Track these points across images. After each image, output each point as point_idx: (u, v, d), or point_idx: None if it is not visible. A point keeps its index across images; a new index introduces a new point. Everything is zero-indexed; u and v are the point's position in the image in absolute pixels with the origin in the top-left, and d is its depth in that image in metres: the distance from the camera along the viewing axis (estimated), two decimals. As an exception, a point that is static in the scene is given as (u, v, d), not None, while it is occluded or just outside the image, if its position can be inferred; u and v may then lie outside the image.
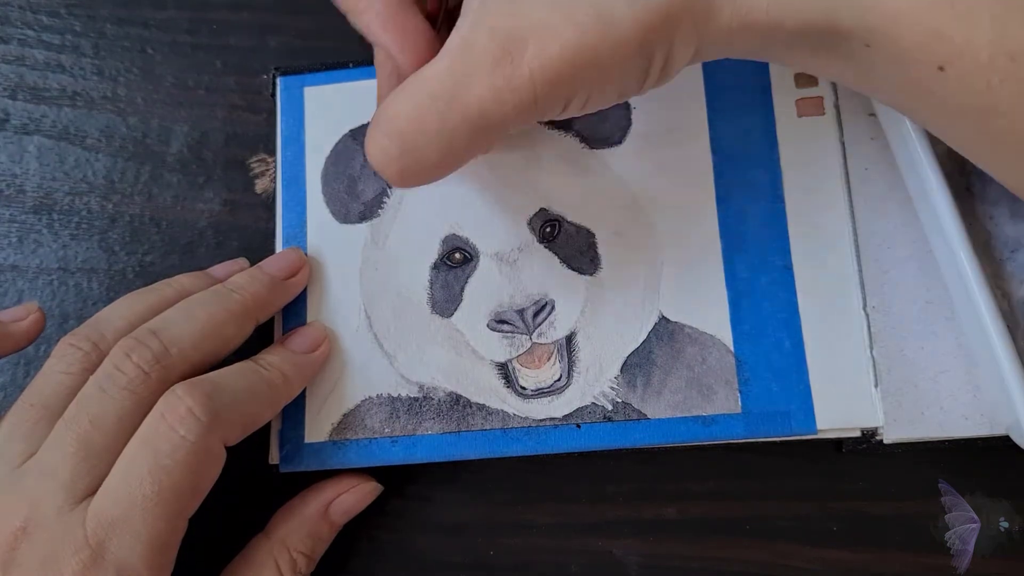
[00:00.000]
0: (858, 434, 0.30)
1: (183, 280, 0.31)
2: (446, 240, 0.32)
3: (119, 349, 0.27)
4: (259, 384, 0.29)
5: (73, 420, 0.26)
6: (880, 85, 0.24)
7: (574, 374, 0.31)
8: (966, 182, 0.32)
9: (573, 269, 0.32)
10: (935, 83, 0.22)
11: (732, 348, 0.31)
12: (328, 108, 0.34)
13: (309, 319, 0.32)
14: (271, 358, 0.30)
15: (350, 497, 0.31)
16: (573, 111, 0.24)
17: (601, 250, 0.32)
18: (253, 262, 0.34)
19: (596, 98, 0.24)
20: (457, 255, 0.32)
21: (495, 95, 0.22)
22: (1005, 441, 0.30)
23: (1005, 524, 0.31)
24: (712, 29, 0.23)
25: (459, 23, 0.23)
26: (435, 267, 0.32)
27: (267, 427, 0.31)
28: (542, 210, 0.32)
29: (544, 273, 0.32)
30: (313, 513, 0.30)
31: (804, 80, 0.33)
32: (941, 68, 0.21)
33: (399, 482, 0.33)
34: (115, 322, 0.29)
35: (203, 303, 0.29)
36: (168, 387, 0.27)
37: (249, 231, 0.35)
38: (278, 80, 0.35)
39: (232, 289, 0.30)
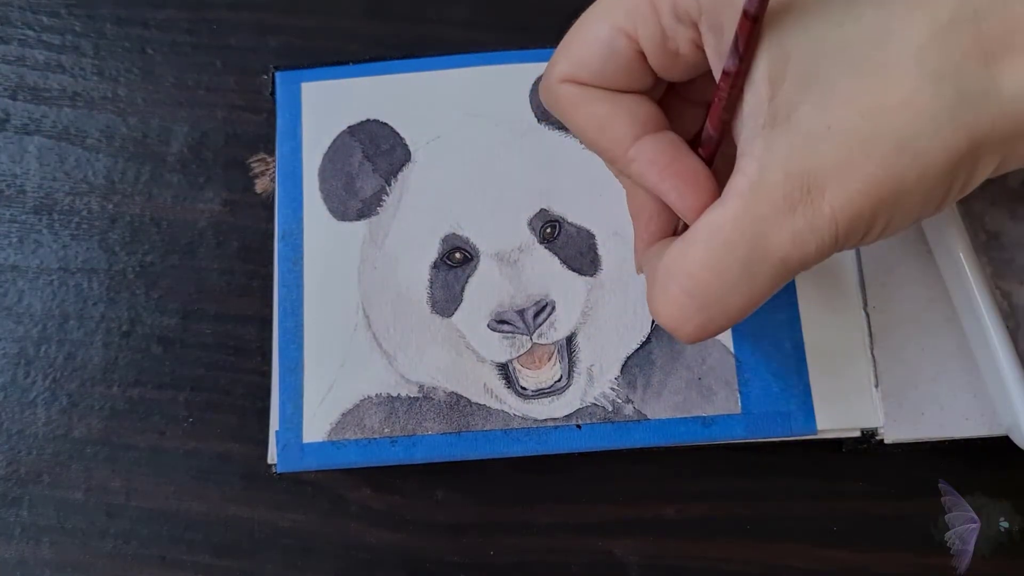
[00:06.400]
0: (858, 434, 0.30)
1: None
2: (446, 239, 0.32)
3: None
4: None
5: None
6: None
7: (574, 375, 0.31)
8: (966, 182, 0.32)
9: (573, 270, 0.32)
10: None
11: (732, 349, 0.31)
12: (326, 104, 0.34)
13: (306, 317, 0.32)
14: None
15: None
16: (871, 239, 0.23)
17: (601, 251, 0.32)
18: (252, 262, 0.35)
19: (895, 224, 0.23)
20: (457, 254, 0.32)
21: (795, 237, 0.21)
22: (1005, 441, 0.30)
23: (1005, 524, 0.31)
24: (1021, 147, 0.22)
25: (740, 164, 0.22)
26: (435, 266, 0.32)
27: (265, 426, 0.31)
28: (542, 210, 0.32)
29: (544, 273, 0.32)
30: None
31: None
32: None
33: (399, 482, 0.33)
34: None
35: None
36: None
37: (249, 231, 0.35)
38: (276, 76, 0.35)
39: None
